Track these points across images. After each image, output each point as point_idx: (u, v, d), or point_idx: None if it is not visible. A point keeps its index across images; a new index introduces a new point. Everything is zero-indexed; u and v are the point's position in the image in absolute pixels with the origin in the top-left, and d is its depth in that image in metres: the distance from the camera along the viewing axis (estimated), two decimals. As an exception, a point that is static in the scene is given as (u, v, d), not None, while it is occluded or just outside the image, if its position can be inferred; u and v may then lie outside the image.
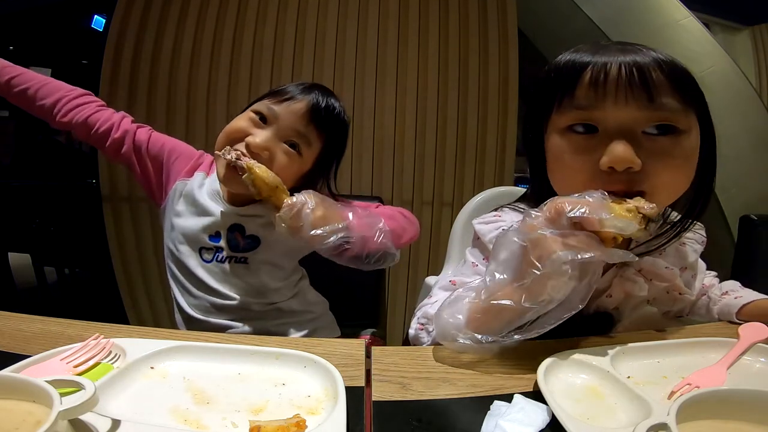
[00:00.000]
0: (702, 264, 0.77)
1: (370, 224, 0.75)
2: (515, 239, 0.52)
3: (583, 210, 0.49)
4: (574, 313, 0.52)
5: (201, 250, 0.89)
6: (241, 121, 0.84)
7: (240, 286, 0.88)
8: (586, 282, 0.51)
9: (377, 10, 1.97)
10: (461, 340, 0.54)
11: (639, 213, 0.52)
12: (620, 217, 0.51)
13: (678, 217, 0.68)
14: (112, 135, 0.91)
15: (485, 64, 2.02)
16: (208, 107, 1.94)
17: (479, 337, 0.53)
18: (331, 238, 0.71)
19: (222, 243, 0.88)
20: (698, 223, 0.73)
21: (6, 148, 3.80)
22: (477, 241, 0.75)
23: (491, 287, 0.53)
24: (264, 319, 0.90)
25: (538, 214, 0.52)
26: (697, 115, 0.60)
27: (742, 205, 2.04)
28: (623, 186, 0.57)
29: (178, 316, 0.93)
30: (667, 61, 0.58)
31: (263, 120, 0.83)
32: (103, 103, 0.96)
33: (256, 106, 0.85)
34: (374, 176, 1.99)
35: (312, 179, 0.89)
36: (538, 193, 0.72)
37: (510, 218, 0.73)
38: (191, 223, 0.89)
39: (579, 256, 0.49)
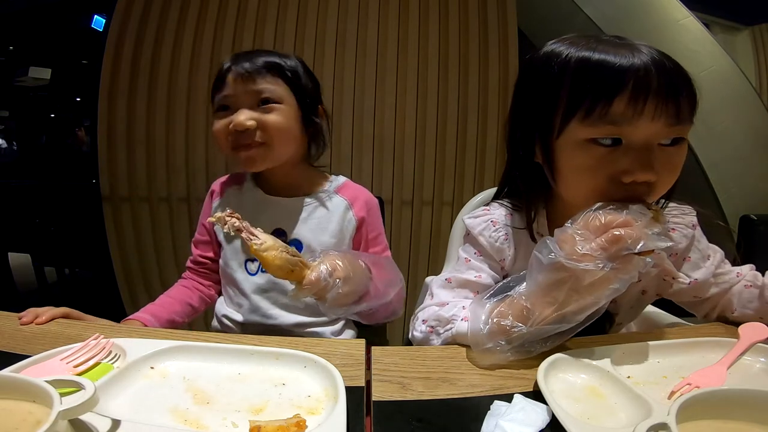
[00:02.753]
0: (713, 247, 0.76)
1: (390, 289, 0.73)
2: (564, 262, 0.52)
3: (643, 244, 0.51)
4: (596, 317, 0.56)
5: (246, 263, 0.89)
6: (217, 122, 0.85)
7: (286, 299, 0.87)
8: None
9: (377, 10, 1.97)
10: (500, 352, 0.56)
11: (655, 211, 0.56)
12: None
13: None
14: (206, 265, 0.96)
15: (485, 64, 2.02)
16: (208, 107, 1.93)
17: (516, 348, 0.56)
18: (351, 311, 0.68)
19: None
20: (688, 206, 0.73)
21: (6, 148, 3.80)
22: (468, 237, 0.75)
23: (536, 319, 0.55)
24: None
25: (589, 243, 0.52)
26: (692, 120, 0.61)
27: (742, 205, 2.04)
28: (636, 194, 0.58)
29: (214, 323, 0.94)
30: (683, 70, 0.58)
31: (227, 109, 0.84)
32: (191, 281, 0.97)
33: (215, 103, 0.86)
34: (374, 176, 1.99)
35: (308, 114, 0.88)
36: (520, 191, 0.72)
37: (499, 213, 0.74)
38: (233, 246, 0.90)
39: (627, 282, 0.53)
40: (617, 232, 0.51)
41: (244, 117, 0.81)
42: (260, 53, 0.86)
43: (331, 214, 0.89)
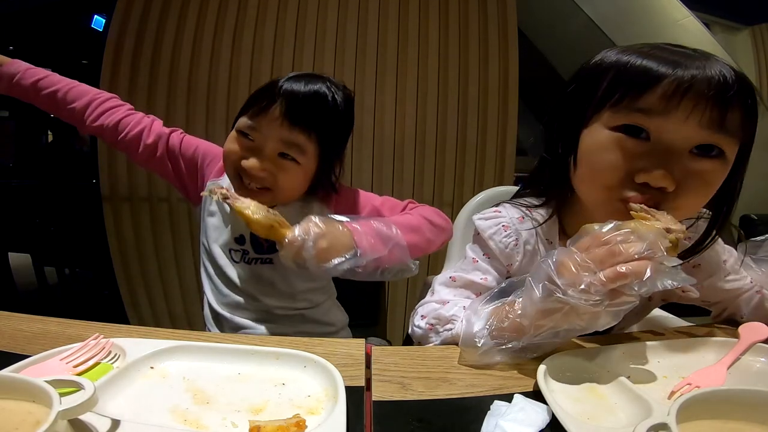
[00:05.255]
0: (729, 249, 0.74)
1: (384, 241, 0.72)
2: (558, 297, 0.48)
3: (647, 288, 0.46)
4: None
5: (230, 251, 0.90)
6: (232, 143, 0.81)
7: (267, 288, 0.89)
8: None
9: (377, 10, 1.97)
10: (491, 356, 0.55)
11: (669, 234, 0.50)
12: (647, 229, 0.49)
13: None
14: (144, 140, 0.90)
15: (485, 64, 2.02)
16: (208, 107, 1.94)
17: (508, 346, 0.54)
18: (340, 268, 0.68)
19: (247, 246, 0.89)
20: (708, 212, 0.69)
21: (6, 149, 3.80)
22: (477, 237, 0.75)
23: (530, 335, 0.53)
24: (286, 324, 0.90)
25: (590, 277, 0.47)
26: (740, 139, 0.57)
27: (742, 205, 2.04)
28: (647, 200, 0.55)
29: (207, 311, 0.94)
30: (748, 84, 0.54)
31: (249, 138, 0.80)
32: (132, 107, 0.95)
33: (239, 124, 0.81)
34: (374, 176, 1.99)
35: (322, 175, 0.86)
36: (541, 190, 0.71)
37: (510, 214, 0.73)
38: (220, 225, 0.91)
39: (624, 313, 0.49)
40: (621, 269, 0.46)
41: (257, 168, 0.78)
42: (317, 93, 0.79)
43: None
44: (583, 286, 0.47)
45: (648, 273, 0.46)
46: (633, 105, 0.55)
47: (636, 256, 0.47)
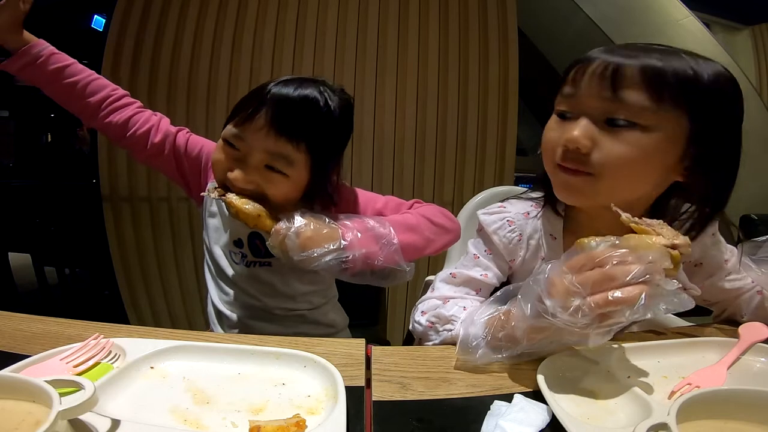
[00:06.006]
0: (731, 248, 0.74)
1: (375, 238, 0.71)
2: (548, 319, 0.48)
3: (639, 315, 0.44)
4: None
5: (230, 253, 0.90)
6: (218, 153, 0.78)
7: (267, 289, 0.89)
8: None
9: (377, 10, 1.97)
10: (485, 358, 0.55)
11: (673, 249, 0.47)
12: (647, 247, 0.47)
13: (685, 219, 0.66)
14: (152, 139, 0.89)
15: (485, 63, 2.02)
16: (208, 107, 1.94)
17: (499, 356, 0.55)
18: (324, 259, 0.67)
19: (245, 249, 0.88)
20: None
21: (6, 149, 3.80)
22: (480, 232, 0.75)
23: (525, 345, 0.53)
24: (286, 325, 0.90)
25: (580, 299, 0.46)
26: (689, 117, 0.58)
27: (742, 205, 2.04)
28: (572, 164, 0.60)
29: (210, 309, 0.94)
30: (658, 64, 0.57)
31: (235, 147, 0.76)
32: (141, 104, 0.93)
33: (225, 133, 0.77)
34: (374, 176, 1.99)
35: (316, 186, 0.82)
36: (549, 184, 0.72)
37: (515, 209, 0.74)
38: (219, 227, 0.90)
39: (614, 332, 0.48)
40: (612, 297, 0.44)
41: (242, 181, 0.75)
42: (306, 99, 0.74)
43: None
44: (572, 309, 0.46)
45: (642, 300, 0.44)
46: (561, 91, 0.63)
47: (631, 281, 0.45)
